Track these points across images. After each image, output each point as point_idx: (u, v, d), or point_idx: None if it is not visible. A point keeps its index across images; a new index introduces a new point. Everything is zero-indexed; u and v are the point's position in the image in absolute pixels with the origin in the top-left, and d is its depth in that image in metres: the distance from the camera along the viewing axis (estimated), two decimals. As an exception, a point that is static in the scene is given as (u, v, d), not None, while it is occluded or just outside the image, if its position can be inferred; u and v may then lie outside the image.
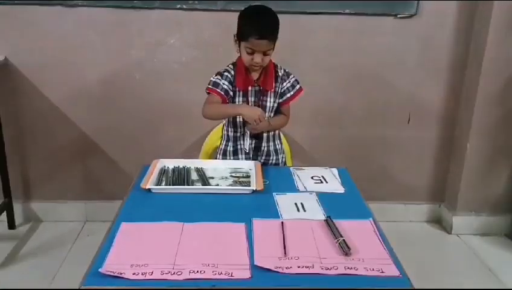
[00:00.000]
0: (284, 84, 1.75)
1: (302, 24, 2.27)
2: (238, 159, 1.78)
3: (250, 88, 1.71)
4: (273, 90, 1.73)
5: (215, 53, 2.23)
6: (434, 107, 2.46)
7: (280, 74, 1.75)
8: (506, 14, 2.18)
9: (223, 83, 1.69)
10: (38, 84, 2.30)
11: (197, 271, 1.04)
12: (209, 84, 1.71)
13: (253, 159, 1.76)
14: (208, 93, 1.71)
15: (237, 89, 1.71)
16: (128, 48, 2.28)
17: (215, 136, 2.00)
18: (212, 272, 1.04)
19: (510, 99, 2.32)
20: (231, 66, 1.73)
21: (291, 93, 1.77)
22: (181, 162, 1.68)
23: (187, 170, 1.62)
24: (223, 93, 1.69)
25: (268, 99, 1.74)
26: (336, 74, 2.37)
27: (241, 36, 1.63)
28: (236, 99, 1.72)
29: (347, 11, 2.24)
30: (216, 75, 1.72)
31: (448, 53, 2.37)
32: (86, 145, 2.42)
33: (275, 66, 1.75)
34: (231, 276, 1.03)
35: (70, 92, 2.33)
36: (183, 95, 2.35)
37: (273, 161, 1.83)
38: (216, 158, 1.85)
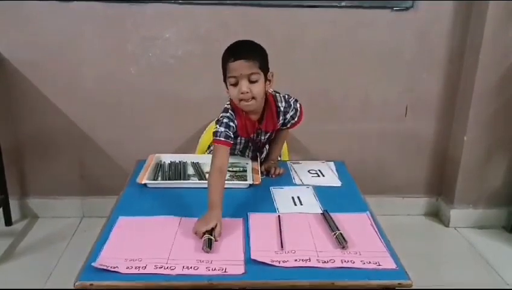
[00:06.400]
0: (288, 115, 1.62)
1: (298, 18, 2.25)
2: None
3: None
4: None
5: (211, 47, 2.21)
6: (431, 100, 2.45)
7: (282, 108, 1.59)
8: (503, 5, 2.17)
9: (231, 134, 1.51)
10: (33, 79, 2.29)
11: (191, 267, 1.04)
12: (220, 137, 1.47)
13: None
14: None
15: (240, 135, 1.59)
16: (123, 43, 2.26)
17: (212, 131, 1.99)
18: (206, 268, 1.04)
19: (507, 91, 2.32)
20: (232, 114, 1.53)
21: (295, 119, 1.65)
22: (177, 157, 1.67)
23: (183, 165, 1.62)
24: (232, 143, 1.52)
25: (270, 133, 1.66)
26: (332, 67, 2.36)
27: (224, 74, 1.47)
28: (238, 141, 1.63)
29: (343, 4, 2.23)
30: (222, 126, 1.50)
31: (445, 46, 2.36)
32: (82, 140, 2.40)
33: (275, 99, 1.59)
34: (225, 272, 1.03)
35: (66, 87, 2.31)
36: (180, 90, 2.33)
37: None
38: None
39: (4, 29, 2.21)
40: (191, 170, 1.60)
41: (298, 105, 1.65)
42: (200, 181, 1.50)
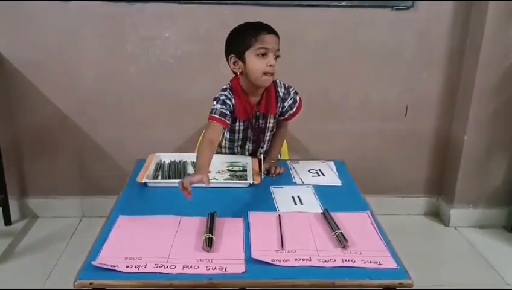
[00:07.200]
0: (285, 103, 1.64)
1: (298, 17, 2.25)
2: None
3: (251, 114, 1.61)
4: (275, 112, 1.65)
5: (211, 47, 2.21)
6: (431, 99, 2.45)
7: (281, 93, 1.63)
8: (503, 5, 2.17)
9: (227, 112, 1.54)
10: (32, 79, 2.28)
11: (191, 266, 1.03)
12: (215, 114, 1.52)
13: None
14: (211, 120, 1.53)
15: (238, 117, 1.60)
16: (123, 42, 2.26)
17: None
18: (206, 267, 1.03)
19: (507, 91, 2.32)
20: (230, 93, 1.57)
21: (294, 109, 1.66)
22: (177, 156, 1.67)
23: (183, 164, 1.61)
24: (229, 122, 1.55)
25: (269, 120, 1.65)
26: (332, 66, 2.36)
27: (245, 45, 1.49)
28: (237, 123, 1.62)
29: (343, 3, 2.23)
30: (219, 104, 1.54)
31: (445, 45, 2.36)
32: (82, 140, 2.40)
33: (275, 84, 1.63)
34: (225, 271, 1.02)
35: (66, 86, 2.31)
36: (180, 90, 2.33)
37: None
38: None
39: (4, 29, 2.21)
40: (191, 170, 1.59)
41: (298, 98, 1.67)
42: (200, 180, 1.49)
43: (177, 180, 1.26)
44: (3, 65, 2.24)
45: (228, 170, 1.58)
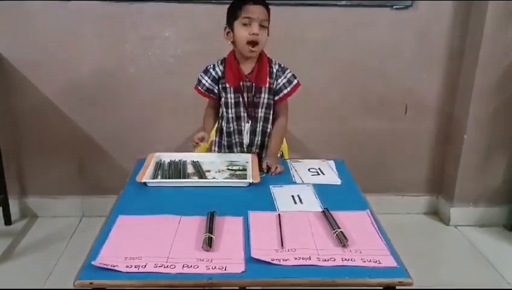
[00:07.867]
0: (280, 80, 1.67)
1: (297, 16, 2.25)
2: (233, 152, 1.76)
3: (242, 84, 1.65)
4: (267, 86, 1.66)
5: (211, 46, 2.20)
6: (431, 98, 2.46)
7: (274, 69, 1.67)
8: (502, 5, 2.17)
9: (206, 81, 1.69)
10: (32, 79, 2.29)
11: (191, 266, 1.03)
12: (197, 82, 1.73)
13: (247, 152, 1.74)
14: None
15: (227, 85, 1.66)
16: (122, 42, 2.26)
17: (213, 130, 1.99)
18: (206, 266, 1.03)
19: (507, 90, 2.32)
20: (219, 62, 1.70)
21: (288, 89, 1.68)
22: (177, 156, 1.67)
23: (183, 164, 1.61)
24: (203, 91, 1.70)
25: (262, 95, 1.67)
26: (332, 66, 2.36)
27: (233, 16, 1.58)
28: (229, 95, 1.67)
29: (343, 2, 2.23)
30: (202, 73, 1.71)
31: (445, 44, 2.36)
32: (82, 140, 2.40)
33: (269, 60, 1.68)
34: (225, 270, 1.02)
35: (65, 86, 2.31)
36: (179, 89, 2.33)
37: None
38: (211, 150, 1.84)
39: (4, 29, 2.21)
40: (190, 169, 1.59)
41: (296, 81, 1.70)
42: (200, 180, 1.49)
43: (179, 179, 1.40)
44: (3, 65, 2.25)
45: (228, 169, 1.58)
